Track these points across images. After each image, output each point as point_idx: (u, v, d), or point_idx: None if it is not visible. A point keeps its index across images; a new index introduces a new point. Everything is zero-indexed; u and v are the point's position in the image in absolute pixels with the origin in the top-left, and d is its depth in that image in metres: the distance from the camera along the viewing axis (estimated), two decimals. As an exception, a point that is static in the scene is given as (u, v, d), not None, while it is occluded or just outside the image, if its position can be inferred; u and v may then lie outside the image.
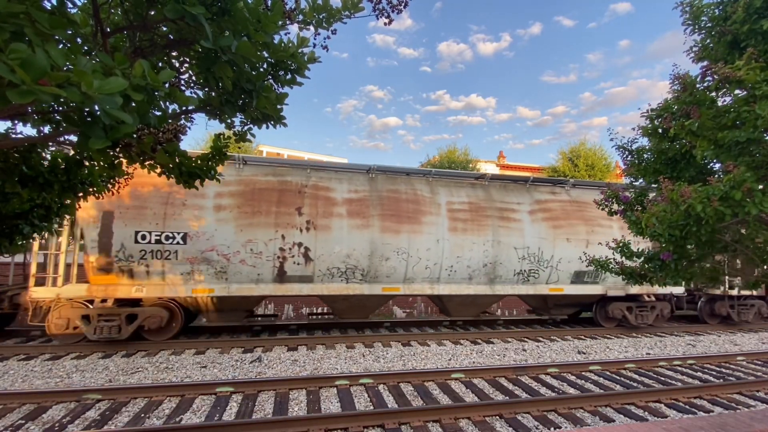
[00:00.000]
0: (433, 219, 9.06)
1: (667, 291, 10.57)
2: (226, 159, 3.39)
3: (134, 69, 1.61)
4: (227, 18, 2.24)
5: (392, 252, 8.72)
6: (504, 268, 9.46)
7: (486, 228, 9.34)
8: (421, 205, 9.12)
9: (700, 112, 3.39)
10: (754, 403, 5.73)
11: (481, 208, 9.52)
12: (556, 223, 9.79)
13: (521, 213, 9.72)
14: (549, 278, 9.79)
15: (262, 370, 6.71)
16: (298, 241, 8.29)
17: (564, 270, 9.81)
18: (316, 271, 8.50)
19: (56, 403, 5.21)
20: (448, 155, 26.34)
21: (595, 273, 9.86)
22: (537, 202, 9.97)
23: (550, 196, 10.20)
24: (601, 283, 10.13)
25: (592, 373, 6.96)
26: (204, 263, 7.97)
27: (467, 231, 9.19)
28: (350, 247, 8.51)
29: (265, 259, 8.18)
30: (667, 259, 3.85)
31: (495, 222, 9.43)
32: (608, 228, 10.04)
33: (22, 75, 1.22)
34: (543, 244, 9.62)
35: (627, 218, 4.34)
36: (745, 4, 3.55)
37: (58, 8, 1.97)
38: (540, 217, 9.80)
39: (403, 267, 8.86)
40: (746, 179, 2.91)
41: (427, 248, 8.91)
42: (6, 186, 2.78)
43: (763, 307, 11.67)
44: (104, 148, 1.68)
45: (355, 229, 8.57)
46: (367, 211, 8.75)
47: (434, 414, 4.91)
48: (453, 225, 9.14)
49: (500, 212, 9.57)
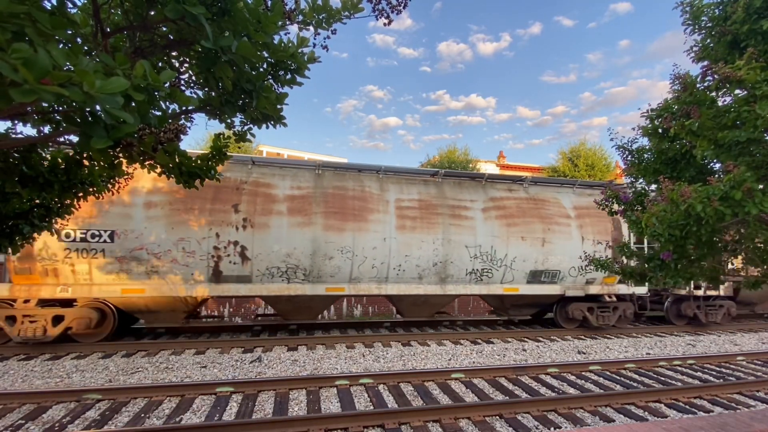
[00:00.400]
0: (381, 217, 8.83)
1: (629, 291, 10.39)
2: (227, 159, 3.39)
3: (135, 69, 1.61)
4: (227, 18, 2.24)
5: (336, 251, 8.49)
6: (455, 267, 9.22)
7: (436, 226, 9.11)
8: (369, 203, 8.88)
9: (700, 112, 3.39)
10: (754, 403, 5.73)
11: (432, 205, 9.26)
12: (510, 221, 9.58)
13: (474, 211, 9.49)
14: (503, 278, 9.55)
15: (262, 370, 6.71)
16: (234, 239, 8.04)
17: (519, 269, 9.57)
18: (254, 270, 8.26)
19: (56, 403, 5.21)
20: (448, 155, 26.34)
21: (552, 272, 9.75)
22: (492, 199, 9.75)
23: (507, 193, 9.98)
24: (559, 283, 9.91)
25: (592, 373, 6.97)
26: (134, 262, 7.72)
27: (416, 229, 8.96)
28: (290, 246, 8.27)
29: (198, 258, 7.94)
30: (667, 258, 3.85)
31: (446, 220, 9.19)
32: (566, 226, 9.85)
33: (24, 74, 1.22)
34: (496, 242, 9.39)
35: (627, 218, 4.34)
36: (745, 4, 3.55)
37: (58, 8, 1.97)
38: (494, 215, 9.57)
39: (348, 266, 8.63)
40: (746, 179, 2.91)
41: (373, 247, 8.67)
42: (6, 186, 2.78)
43: (733, 307, 11.45)
44: (105, 147, 1.68)
45: (296, 227, 8.33)
46: (310, 208, 8.50)
47: (434, 414, 4.91)
48: (401, 223, 8.91)
49: (452, 210, 9.32)
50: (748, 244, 4.01)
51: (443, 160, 25.65)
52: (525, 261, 9.54)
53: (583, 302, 10.19)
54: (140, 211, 7.79)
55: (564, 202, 10.18)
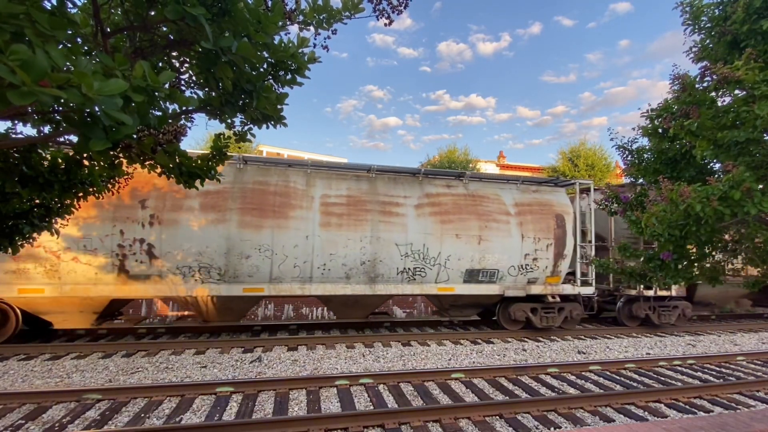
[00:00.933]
0: (303, 213, 8.39)
1: (574, 291, 9.98)
2: (227, 159, 3.40)
3: (134, 70, 1.61)
4: (227, 19, 2.24)
5: (253, 249, 8.08)
6: (385, 266, 8.79)
7: (364, 223, 8.66)
8: (291, 199, 8.41)
9: (699, 112, 3.39)
10: (754, 403, 5.73)
11: (361, 201, 8.79)
12: (445, 218, 9.12)
13: (406, 207, 9.02)
14: (438, 277, 9.13)
15: (262, 370, 6.71)
16: (140, 237, 7.64)
17: (454, 268, 9.14)
18: (163, 270, 7.85)
19: (56, 403, 5.21)
20: (448, 155, 26.35)
21: (491, 272, 9.37)
22: (427, 195, 9.27)
23: (444, 189, 9.50)
24: (499, 282, 9.49)
25: (592, 373, 6.97)
26: (30, 261, 7.33)
27: (342, 226, 8.53)
28: (202, 244, 7.86)
29: (101, 256, 7.56)
30: (667, 258, 3.85)
31: (375, 217, 8.74)
32: (505, 224, 9.45)
33: (22, 76, 1.22)
34: (429, 240, 8.97)
35: (627, 218, 4.35)
36: (744, 5, 3.55)
37: (58, 9, 1.97)
38: (427, 211, 9.10)
39: (267, 265, 8.22)
40: (745, 179, 2.91)
41: (294, 245, 8.27)
42: (6, 186, 2.78)
43: (688, 308, 11.13)
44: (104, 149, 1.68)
45: (209, 224, 7.93)
46: (225, 204, 8.07)
47: (434, 414, 4.91)
48: (326, 220, 8.48)
49: (382, 206, 8.86)
50: (748, 244, 4.01)
51: (443, 160, 25.65)
52: (460, 260, 9.14)
53: (526, 303, 9.83)
54: None
55: (505, 198, 9.75)
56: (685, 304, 11.08)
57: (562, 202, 10.12)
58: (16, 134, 2.67)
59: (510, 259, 9.41)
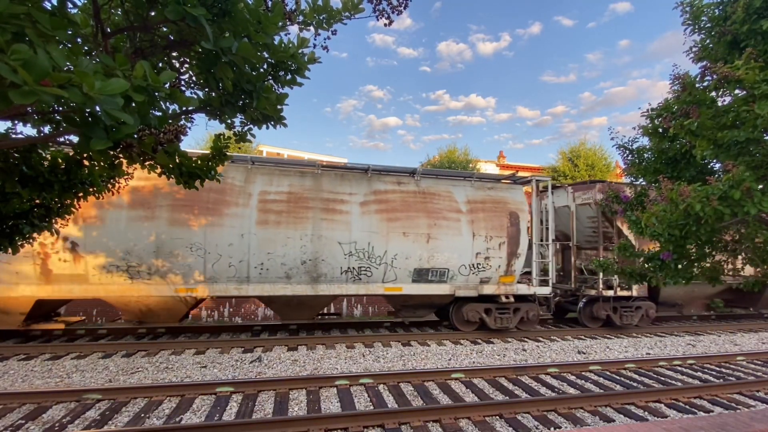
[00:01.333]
0: (239, 211, 8.12)
1: (530, 291, 9.70)
2: (228, 159, 3.40)
3: (135, 70, 1.61)
4: (228, 19, 2.25)
5: (185, 248, 7.83)
6: (328, 265, 8.54)
7: (305, 221, 8.41)
8: (227, 195, 8.13)
9: (699, 111, 3.39)
10: (754, 403, 5.73)
11: (303, 198, 8.49)
12: (391, 215, 8.85)
13: (351, 204, 8.73)
14: (385, 276, 8.85)
15: (262, 370, 6.72)
16: (63, 234, 7.34)
17: (402, 267, 8.87)
18: (89, 269, 7.58)
19: (56, 403, 5.22)
20: (448, 155, 26.34)
21: (441, 271, 9.08)
22: (374, 192, 8.96)
23: (394, 186, 9.18)
24: (449, 282, 9.19)
25: (592, 373, 6.97)
26: None
27: (281, 224, 8.26)
28: (130, 242, 7.58)
29: (22, 255, 7.25)
30: (667, 258, 3.85)
31: (317, 214, 8.49)
32: (455, 221, 9.18)
33: (24, 75, 1.23)
34: (374, 238, 8.69)
35: (627, 218, 4.35)
36: (744, 5, 3.55)
37: (58, 9, 1.97)
38: (373, 209, 8.81)
39: (200, 265, 7.96)
40: (745, 179, 2.91)
41: (229, 243, 8.02)
42: (6, 186, 2.78)
43: (652, 308, 10.86)
44: (105, 148, 1.68)
45: (137, 221, 7.68)
46: (154, 201, 7.81)
47: (434, 414, 4.91)
48: (263, 217, 8.20)
49: (325, 203, 8.58)
50: (747, 244, 4.01)
51: (443, 160, 25.65)
52: (408, 258, 8.87)
53: (479, 303, 9.54)
54: None
55: (457, 196, 9.45)
56: (649, 305, 10.84)
57: (517, 199, 9.84)
58: (16, 134, 2.67)
59: (460, 258, 9.16)
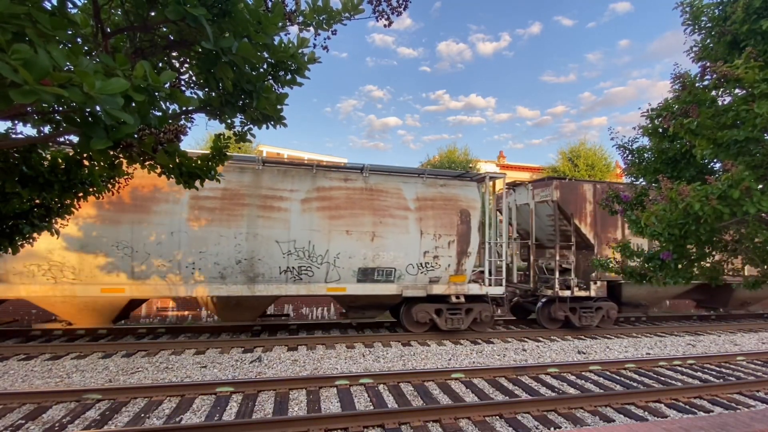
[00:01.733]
0: (169, 207, 7.83)
1: (482, 291, 9.38)
2: (228, 159, 3.40)
3: (135, 70, 1.61)
4: (228, 19, 2.25)
5: (110, 247, 7.55)
6: (266, 264, 8.27)
7: (239, 218, 8.12)
8: (157, 192, 7.83)
9: (699, 111, 3.39)
10: (754, 403, 5.73)
11: (239, 195, 8.19)
12: (334, 213, 8.61)
13: (291, 202, 8.44)
14: (328, 276, 8.58)
15: (262, 370, 6.72)
16: None
17: (345, 267, 8.61)
18: (9, 268, 7.34)
19: (56, 403, 5.22)
20: (448, 155, 26.36)
21: (387, 270, 8.85)
22: (318, 189, 8.68)
23: (340, 183, 8.88)
24: (397, 281, 8.91)
25: (592, 373, 6.97)
26: None
27: (213, 222, 7.99)
28: (51, 240, 7.17)
29: None
30: (667, 258, 3.85)
31: (253, 212, 8.19)
32: (403, 219, 8.91)
33: (24, 75, 1.23)
34: (315, 237, 8.45)
35: (627, 217, 4.35)
36: (744, 5, 3.55)
37: (58, 9, 1.97)
38: (315, 206, 8.55)
39: (126, 264, 7.68)
40: (744, 178, 2.91)
41: (157, 242, 7.73)
42: (6, 186, 2.78)
43: (613, 309, 10.56)
44: (105, 148, 1.68)
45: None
46: None
47: (434, 414, 4.91)
48: (195, 215, 7.90)
49: (263, 200, 8.27)
50: (747, 244, 4.01)
51: (443, 160, 25.67)
52: (351, 258, 8.61)
53: (429, 303, 9.27)
54: None
55: (406, 192, 9.18)
56: (610, 305, 10.59)
57: (469, 196, 9.55)
58: (16, 134, 2.67)
59: (407, 256, 8.95)
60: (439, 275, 9.21)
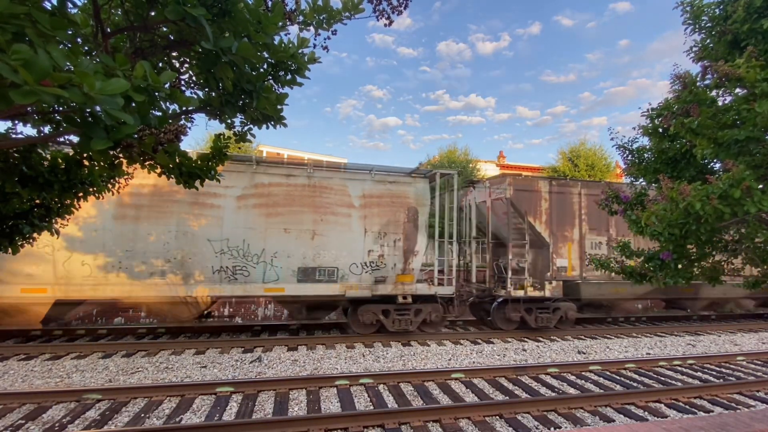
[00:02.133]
0: (94, 203, 7.43)
1: (430, 292, 9.13)
2: (228, 159, 3.40)
3: (135, 70, 1.61)
4: (228, 19, 2.25)
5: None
6: (197, 264, 7.98)
7: (168, 216, 7.83)
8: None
9: (700, 110, 3.39)
10: (754, 403, 5.73)
11: (169, 192, 7.88)
12: (271, 210, 8.34)
13: (226, 198, 8.15)
14: (265, 276, 8.30)
15: (262, 370, 6.71)
16: None
17: (284, 266, 8.34)
18: None
19: (56, 403, 5.22)
20: (448, 155, 26.34)
21: (329, 270, 8.60)
22: (256, 186, 8.40)
23: (281, 179, 8.59)
24: (340, 282, 8.65)
25: (592, 373, 6.97)
26: None
27: (141, 219, 7.71)
28: None
29: None
30: (667, 258, 3.85)
31: (183, 209, 7.91)
32: (346, 217, 8.70)
33: (24, 75, 1.22)
34: (250, 235, 8.19)
35: (627, 217, 4.34)
36: (745, 4, 3.55)
37: (58, 9, 1.97)
38: (251, 203, 8.27)
39: (48, 263, 7.37)
40: (745, 177, 2.91)
41: (80, 240, 7.45)
42: (6, 186, 2.78)
43: (571, 310, 10.27)
44: (105, 148, 1.68)
45: None
46: None
47: (434, 414, 4.91)
48: (121, 212, 7.63)
49: (194, 197, 7.90)
50: (748, 244, 4.01)
51: (443, 160, 25.64)
52: (290, 257, 8.34)
53: (376, 304, 8.97)
54: None
55: (351, 189, 8.93)
56: (569, 306, 10.31)
57: (418, 193, 9.28)
58: (16, 134, 2.67)
59: (351, 255, 8.74)
60: (385, 275, 8.95)
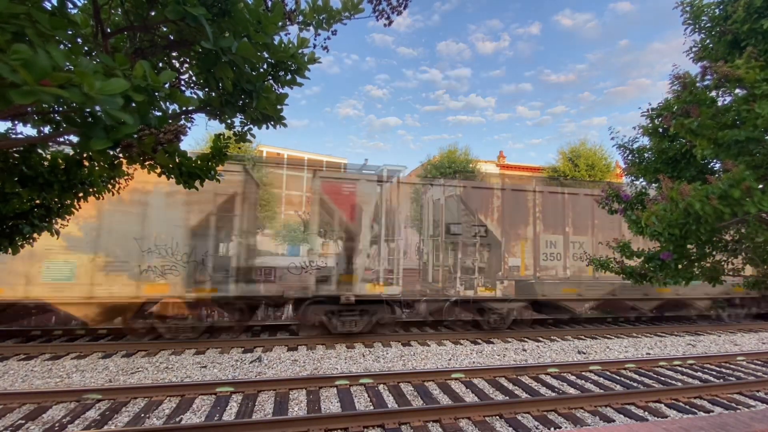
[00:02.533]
0: None
1: (376, 292, 8.77)
2: (227, 159, 3.40)
3: (135, 70, 1.61)
4: (228, 19, 2.25)
5: None
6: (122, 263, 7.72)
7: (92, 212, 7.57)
8: None
9: (700, 111, 3.39)
10: (754, 403, 5.73)
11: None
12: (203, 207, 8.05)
13: (154, 195, 7.89)
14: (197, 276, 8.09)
15: (262, 370, 6.71)
16: None
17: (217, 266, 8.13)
18: None
19: (56, 403, 5.22)
20: (448, 155, 26.31)
21: (267, 269, 8.37)
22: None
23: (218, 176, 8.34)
24: (278, 282, 8.49)
25: (592, 373, 6.97)
26: None
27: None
28: None
29: None
30: (667, 258, 3.84)
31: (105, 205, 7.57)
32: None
33: (24, 75, 1.22)
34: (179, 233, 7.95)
35: (627, 217, 4.33)
36: (745, 4, 3.55)
37: (58, 9, 1.97)
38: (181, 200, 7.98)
39: None
40: (745, 177, 2.91)
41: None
42: (6, 186, 2.78)
43: (527, 311, 9.99)
44: (105, 148, 1.68)
45: None
46: None
47: (434, 414, 4.91)
48: None
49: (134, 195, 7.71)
50: (748, 244, 4.01)
51: (443, 160, 25.62)
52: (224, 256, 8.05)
53: (319, 305, 8.66)
54: None
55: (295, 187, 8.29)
56: (523, 306, 9.99)
57: (364, 191, 8.95)
58: (16, 134, 2.67)
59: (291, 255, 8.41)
60: (326, 275, 8.68)
